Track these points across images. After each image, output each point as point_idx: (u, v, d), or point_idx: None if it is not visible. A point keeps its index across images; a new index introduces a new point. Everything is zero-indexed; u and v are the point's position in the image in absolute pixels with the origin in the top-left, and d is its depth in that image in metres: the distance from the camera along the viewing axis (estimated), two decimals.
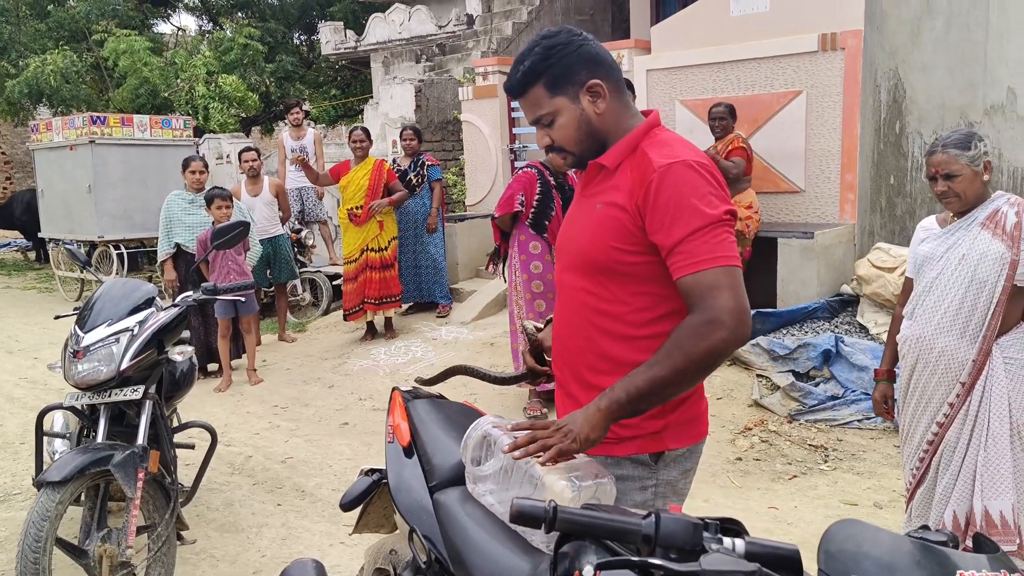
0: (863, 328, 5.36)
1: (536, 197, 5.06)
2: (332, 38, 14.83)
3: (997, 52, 5.71)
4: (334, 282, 8.23)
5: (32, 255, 14.32)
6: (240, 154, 7.55)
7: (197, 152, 10.47)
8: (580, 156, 1.83)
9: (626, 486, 1.80)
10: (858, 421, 4.67)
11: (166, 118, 10.87)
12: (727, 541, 1.13)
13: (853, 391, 4.85)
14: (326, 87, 19.17)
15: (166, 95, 13.61)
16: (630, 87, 3.74)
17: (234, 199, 6.20)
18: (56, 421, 3.69)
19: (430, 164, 7.42)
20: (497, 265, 5.55)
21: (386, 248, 6.93)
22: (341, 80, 18.98)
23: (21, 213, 13.18)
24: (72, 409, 3.19)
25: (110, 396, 3.07)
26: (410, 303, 7.63)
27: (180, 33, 19.33)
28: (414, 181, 7.30)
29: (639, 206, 1.70)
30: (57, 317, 3.83)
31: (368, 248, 6.88)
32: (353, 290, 6.93)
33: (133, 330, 3.14)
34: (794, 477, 4.22)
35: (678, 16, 6.95)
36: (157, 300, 3.36)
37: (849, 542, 1.07)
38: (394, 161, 7.58)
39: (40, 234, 11.49)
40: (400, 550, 2.17)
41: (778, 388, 5.03)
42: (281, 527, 3.88)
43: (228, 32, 16.56)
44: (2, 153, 18.31)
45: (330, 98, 18.85)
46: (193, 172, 6.45)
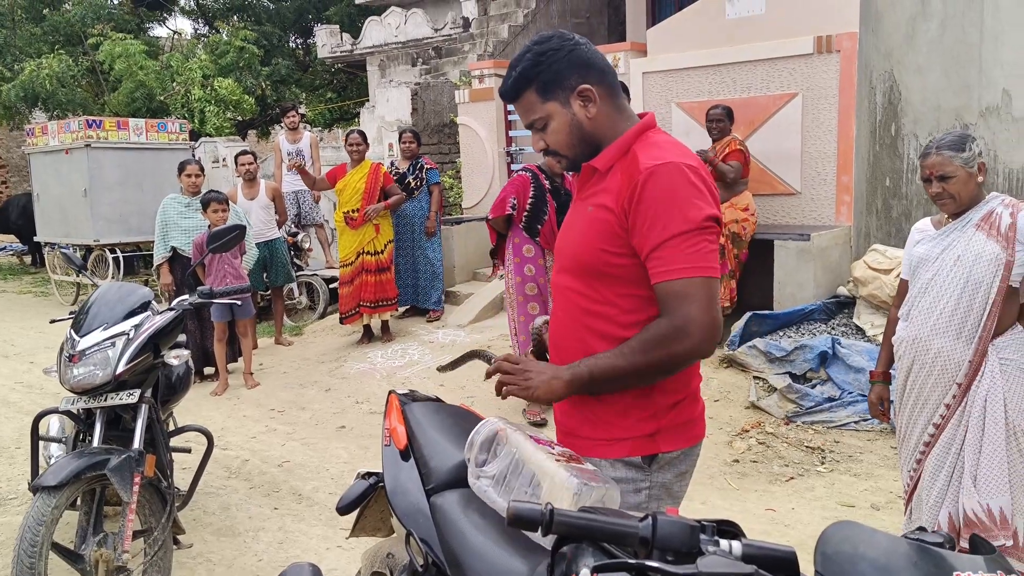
0: (859, 330, 5.37)
1: (529, 200, 5.08)
2: (328, 41, 14.84)
3: (992, 54, 5.73)
4: (330, 285, 8.21)
5: (28, 259, 14.29)
6: (236, 157, 7.54)
7: (193, 156, 10.46)
8: (574, 159, 1.85)
9: (619, 488, 1.80)
10: (855, 423, 4.68)
11: (162, 122, 10.86)
12: (724, 543, 1.13)
13: (850, 393, 4.86)
14: (322, 90, 19.19)
15: (162, 99, 13.60)
16: (624, 90, 3.75)
17: (230, 202, 6.19)
18: (52, 425, 3.69)
19: (429, 167, 7.42)
20: (498, 267, 5.58)
21: (382, 251, 6.93)
22: (337, 83, 18.99)
23: (17, 217, 13.15)
24: (68, 413, 3.19)
25: (106, 400, 3.07)
26: (407, 306, 7.63)
27: (176, 37, 19.33)
28: (413, 184, 7.30)
29: (624, 208, 1.71)
30: (53, 321, 3.83)
31: (364, 251, 6.88)
32: (349, 293, 6.92)
33: (129, 334, 3.13)
34: (791, 479, 4.22)
35: (674, 19, 6.96)
36: (153, 304, 3.35)
37: (845, 544, 1.07)
38: (392, 164, 7.58)
39: (36, 238, 11.47)
40: (397, 554, 2.17)
41: (775, 390, 5.04)
42: (278, 531, 3.87)
43: (224, 35, 16.55)
44: None
45: (326, 101, 18.86)
46: (189, 176, 6.44)
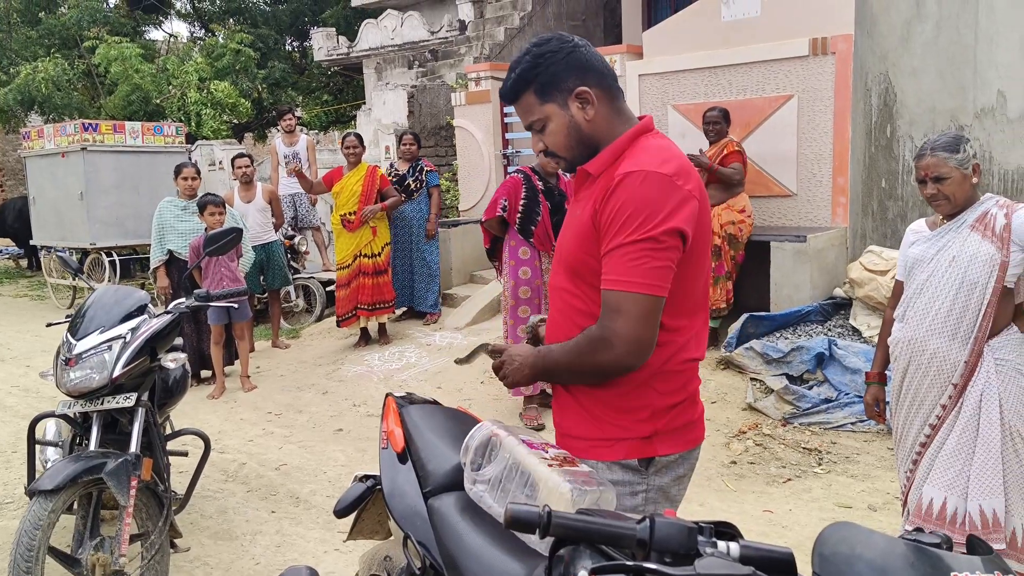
0: (856, 331, 5.38)
1: (521, 202, 5.08)
2: (324, 44, 14.83)
3: (987, 55, 5.74)
4: (327, 288, 8.21)
5: (24, 263, 14.27)
6: (233, 160, 7.53)
7: (189, 159, 10.45)
8: (572, 161, 1.86)
9: (616, 491, 1.80)
10: (852, 424, 4.68)
11: (158, 125, 10.85)
12: (721, 545, 1.13)
13: (847, 394, 4.86)
14: (318, 93, 19.19)
15: (158, 102, 13.59)
16: None
17: (227, 205, 6.19)
18: (48, 429, 3.68)
19: (429, 170, 7.41)
20: (500, 268, 5.56)
21: (379, 254, 6.93)
22: (333, 86, 18.99)
23: (13, 220, 13.12)
24: (64, 417, 3.18)
25: (103, 404, 3.06)
26: (404, 308, 7.62)
27: (172, 40, 19.33)
28: (412, 186, 7.30)
29: (598, 210, 1.73)
30: (49, 324, 3.83)
31: (361, 254, 6.87)
32: (346, 296, 6.92)
33: (126, 337, 3.13)
34: (788, 480, 4.22)
35: (670, 21, 6.97)
36: (149, 307, 3.34)
37: (843, 545, 1.08)
38: (392, 166, 7.57)
39: (32, 241, 11.45)
40: (395, 556, 2.17)
41: (772, 391, 5.04)
42: (275, 534, 3.86)
43: (220, 38, 16.55)
44: None
45: (322, 104, 18.87)
46: (185, 179, 6.44)
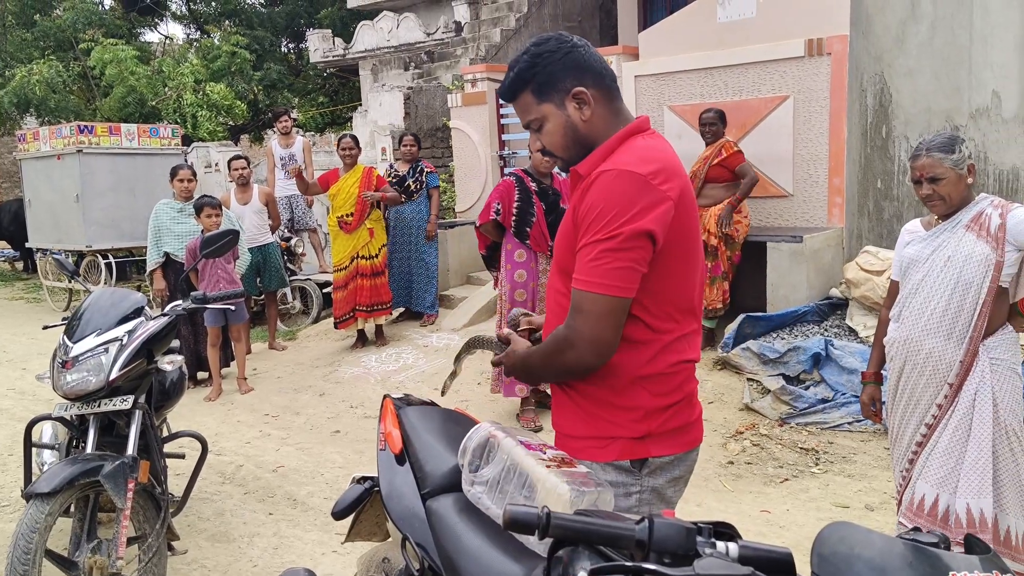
0: (852, 331, 5.39)
1: (515, 205, 5.07)
2: (320, 46, 14.83)
3: (981, 56, 5.76)
4: (324, 290, 8.21)
5: (19, 265, 14.24)
6: (229, 162, 7.52)
7: (185, 160, 10.44)
8: (568, 160, 1.87)
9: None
10: (848, 424, 4.69)
11: (154, 127, 10.83)
12: (720, 545, 1.13)
13: (843, 394, 4.87)
14: (314, 95, 19.18)
15: (154, 104, 13.57)
16: None
17: (223, 207, 6.18)
18: (45, 432, 3.67)
19: (429, 171, 7.41)
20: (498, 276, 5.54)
21: (376, 255, 6.93)
22: (329, 88, 18.99)
23: (8, 223, 13.10)
24: (61, 420, 3.17)
25: (99, 406, 3.05)
26: (401, 309, 7.62)
27: (167, 42, 19.30)
28: (412, 187, 7.30)
29: (577, 209, 1.76)
30: (45, 327, 3.81)
31: (359, 256, 6.87)
32: (344, 298, 6.92)
33: (122, 340, 3.12)
34: (786, 480, 4.23)
35: (665, 22, 6.98)
36: (146, 309, 3.34)
37: (841, 545, 1.08)
38: (391, 167, 7.56)
39: (27, 244, 11.42)
40: (393, 558, 2.17)
41: (769, 392, 5.05)
42: (273, 536, 3.86)
43: (215, 40, 16.54)
44: None
45: (318, 106, 18.86)
46: (181, 181, 6.42)
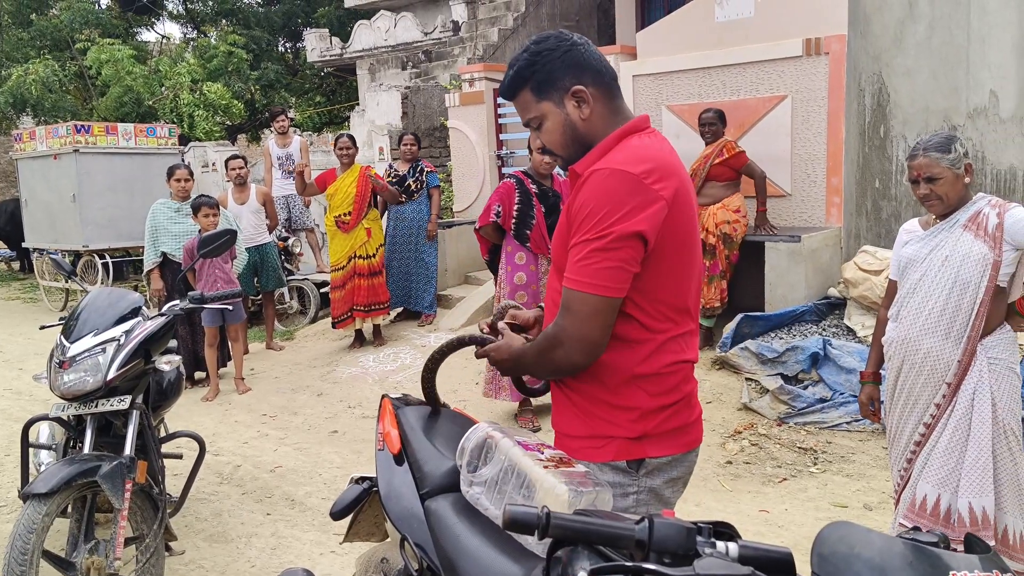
0: (850, 331, 5.39)
1: (515, 207, 5.04)
2: (317, 45, 14.82)
3: (979, 56, 5.77)
4: (322, 290, 8.20)
5: (16, 265, 14.21)
6: (227, 162, 7.51)
7: (182, 160, 10.42)
8: (567, 159, 1.86)
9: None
10: (847, 423, 4.69)
11: (151, 126, 10.82)
12: (720, 545, 1.13)
13: (841, 393, 4.87)
14: (311, 94, 19.16)
15: (151, 103, 13.56)
16: None
17: (220, 207, 6.17)
18: (42, 432, 3.66)
19: (429, 171, 7.40)
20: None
21: (374, 255, 6.92)
22: (327, 87, 18.97)
23: (5, 223, 13.08)
24: (58, 420, 3.16)
25: (97, 406, 3.04)
26: (399, 309, 7.61)
27: (164, 41, 19.27)
28: (413, 187, 7.29)
29: (570, 208, 1.76)
30: (43, 327, 3.81)
31: (356, 255, 6.87)
32: (341, 298, 6.91)
33: (120, 340, 3.11)
34: (784, 480, 4.23)
35: (663, 22, 6.97)
36: (143, 309, 3.33)
37: (841, 544, 1.08)
38: (391, 167, 7.56)
39: (24, 244, 11.41)
40: (391, 558, 2.16)
41: (767, 391, 5.05)
42: (271, 536, 3.85)
43: (212, 40, 16.52)
44: None
45: (315, 105, 18.84)
46: (178, 180, 6.41)
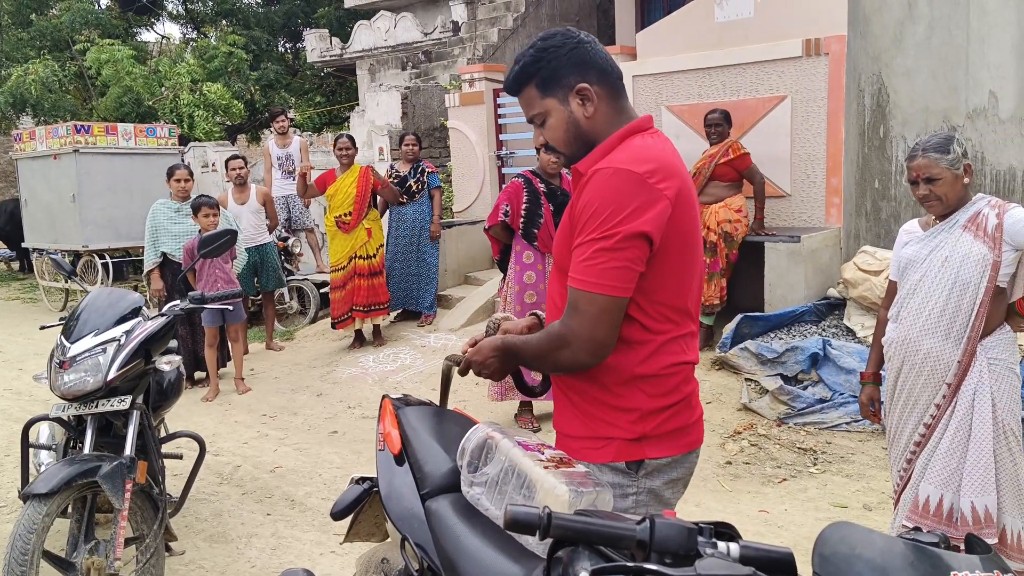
0: (850, 331, 5.39)
1: (523, 206, 5.04)
2: (317, 45, 14.82)
3: (979, 56, 5.77)
4: (321, 290, 8.20)
5: (16, 265, 14.21)
6: (227, 162, 7.51)
7: (182, 160, 10.42)
8: (570, 157, 1.86)
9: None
10: (846, 424, 4.69)
11: (151, 126, 10.82)
12: (721, 545, 1.13)
13: (841, 394, 4.87)
14: (311, 95, 19.16)
15: (150, 104, 13.55)
16: None
17: (220, 207, 6.17)
18: (42, 433, 3.66)
19: (430, 171, 7.40)
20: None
21: (374, 255, 6.92)
22: (326, 87, 18.97)
23: (4, 223, 13.07)
24: (58, 420, 3.16)
25: (97, 407, 3.05)
26: (398, 310, 7.61)
27: (164, 41, 19.27)
28: (414, 188, 7.29)
29: (574, 207, 1.76)
30: (43, 327, 3.81)
31: (357, 255, 6.87)
32: (341, 298, 6.91)
33: (120, 340, 3.11)
34: (784, 480, 4.23)
35: (663, 22, 6.98)
36: (144, 310, 3.33)
37: (842, 545, 1.08)
38: (392, 167, 7.56)
39: (24, 244, 11.41)
40: (392, 559, 2.16)
41: (767, 392, 5.05)
42: (271, 537, 3.85)
43: (212, 40, 16.51)
44: None
45: (315, 105, 18.84)
46: (178, 180, 6.41)
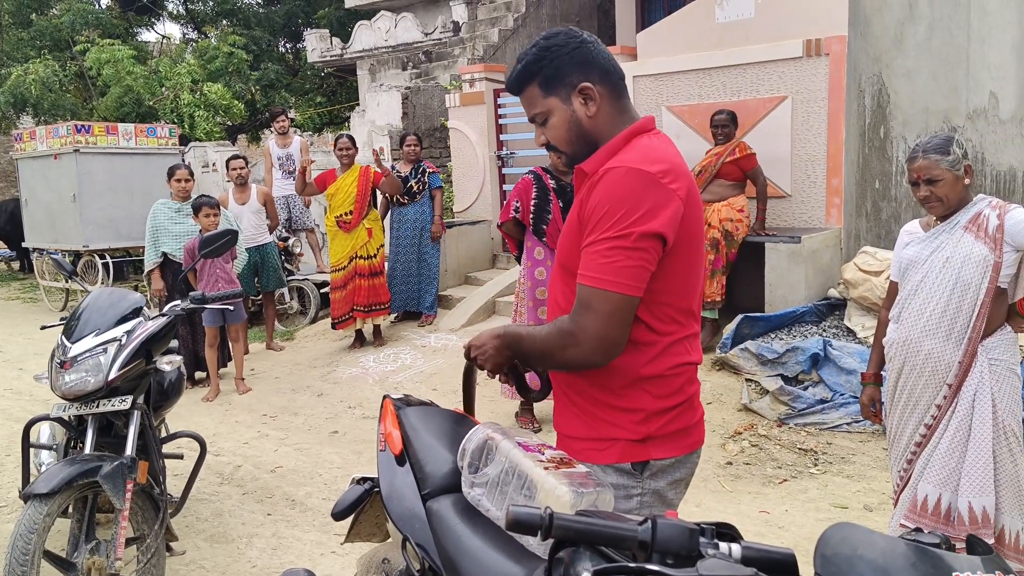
0: (850, 332, 5.39)
1: (532, 202, 5.05)
2: (318, 46, 14.82)
3: (979, 57, 5.77)
4: (322, 290, 8.20)
5: (16, 265, 14.21)
6: (228, 162, 7.52)
7: (183, 160, 10.42)
8: (572, 156, 1.86)
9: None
10: (847, 424, 4.69)
11: (151, 126, 10.82)
12: (723, 546, 1.13)
13: (841, 394, 4.87)
14: (312, 95, 19.16)
15: (151, 104, 13.55)
16: None
17: (221, 207, 6.17)
18: (43, 433, 3.66)
19: (431, 172, 7.40)
20: None
21: (375, 255, 6.92)
22: (327, 87, 18.97)
23: (5, 223, 13.07)
24: (59, 420, 3.17)
25: (98, 407, 3.05)
26: (399, 311, 7.60)
27: (164, 41, 19.27)
28: (415, 188, 7.29)
29: (583, 206, 1.75)
30: (43, 327, 3.81)
31: (357, 255, 6.87)
32: (342, 298, 6.91)
33: (121, 340, 3.12)
34: (784, 481, 4.23)
35: (664, 23, 6.97)
36: (144, 310, 3.34)
37: (844, 545, 1.08)
38: (393, 168, 7.56)
39: (24, 244, 11.41)
40: (393, 559, 2.16)
41: (767, 392, 5.05)
42: (271, 537, 3.85)
43: (213, 40, 16.51)
44: None
45: (316, 106, 18.83)
46: (179, 180, 6.41)
